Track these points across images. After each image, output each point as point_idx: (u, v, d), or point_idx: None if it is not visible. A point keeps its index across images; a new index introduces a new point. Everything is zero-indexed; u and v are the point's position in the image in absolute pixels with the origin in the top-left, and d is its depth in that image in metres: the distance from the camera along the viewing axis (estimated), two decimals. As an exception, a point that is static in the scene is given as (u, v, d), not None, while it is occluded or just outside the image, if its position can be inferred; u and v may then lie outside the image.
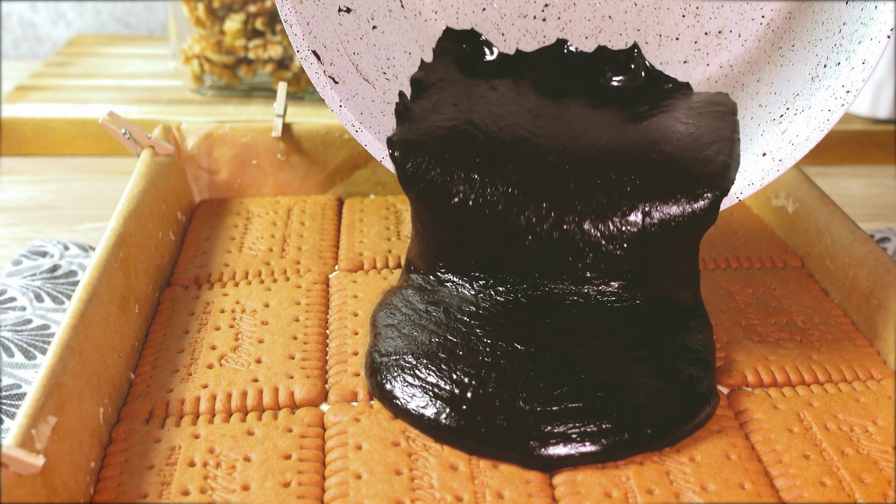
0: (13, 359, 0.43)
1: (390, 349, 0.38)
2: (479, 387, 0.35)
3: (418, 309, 0.40)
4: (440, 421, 0.34)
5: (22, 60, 0.91)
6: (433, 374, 0.36)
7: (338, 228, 0.51)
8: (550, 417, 0.34)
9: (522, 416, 0.34)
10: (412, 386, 0.35)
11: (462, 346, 0.37)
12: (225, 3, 0.69)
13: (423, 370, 0.36)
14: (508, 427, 0.34)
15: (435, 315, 0.39)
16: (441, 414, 0.34)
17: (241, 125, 0.53)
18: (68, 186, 0.64)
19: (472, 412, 0.34)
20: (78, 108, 0.71)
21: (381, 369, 0.37)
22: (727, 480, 0.32)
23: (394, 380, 0.36)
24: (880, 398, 0.37)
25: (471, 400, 0.35)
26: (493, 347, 0.37)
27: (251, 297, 0.43)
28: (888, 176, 0.72)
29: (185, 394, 0.36)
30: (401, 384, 0.36)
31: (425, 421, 0.34)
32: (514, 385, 0.35)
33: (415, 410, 0.35)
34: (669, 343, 0.38)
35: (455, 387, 0.35)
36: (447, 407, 0.34)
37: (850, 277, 0.43)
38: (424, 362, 0.36)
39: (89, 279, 0.37)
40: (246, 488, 0.31)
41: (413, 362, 0.37)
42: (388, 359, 0.37)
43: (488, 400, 0.35)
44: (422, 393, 0.35)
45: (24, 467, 0.28)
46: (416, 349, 0.37)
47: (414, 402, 0.35)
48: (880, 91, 0.74)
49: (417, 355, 0.37)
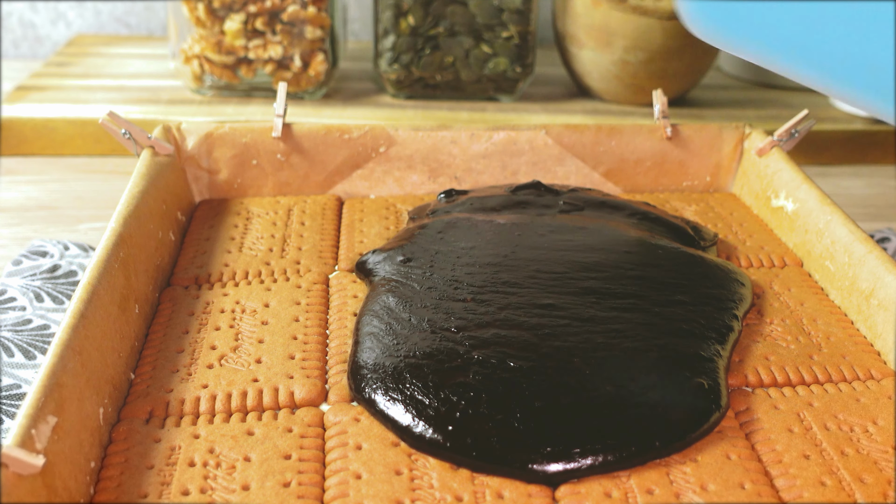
0: (13, 359, 0.43)
1: (370, 361, 0.37)
2: (469, 406, 0.34)
3: (401, 318, 0.39)
4: (426, 439, 0.33)
5: (22, 60, 0.91)
6: (418, 391, 0.35)
7: (338, 228, 0.51)
8: (550, 437, 0.33)
9: (519, 437, 0.33)
10: (396, 401, 0.34)
11: (449, 360, 0.36)
12: (225, 3, 0.69)
13: (408, 386, 0.35)
14: (503, 449, 0.33)
15: (417, 324, 0.39)
16: (426, 433, 0.33)
17: (241, 125, 0.53)
18: (68, 186, 0.64)
19: (462, 433, 0.33)
20: (78, 108, 0.71)
21: (362, 382, 0.36)
22: (727, 480, 0.32)
23: (374, 392, 0.35)
24: (880, 398, 0.37)
25: (459, 420, 0.34)
26: (483, 363, 0.36)
27: (251, 297, 0.43)
28: (888, 176, 0.72)
29: (185, 394, 0.36)
30: (383, 398, 0.35)
31: (413, 437, 0.33)
32: (508, 404, 0.34)
33: (402, 424, 0.34)
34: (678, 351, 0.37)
35: (441, 405, 0.34)
36: (432, 426, 0.33)
37: (850, 277, 0.43)
38: (407, 377, 0.35)
39: (89, 279, 0.37)
40: (246, 488, 0.31)
41: (395, 377, 0.35)
42: (371, 373, 0.36)
43: (480, 419, 0.34)
44: (404, 410, 0.34)
45: (24, 467, 0.28)
46: (399, 362, 0.36)
47: (400, 418, 0.34)
48: (880, 91, 0.73)
49: (400, 370, 0.36)
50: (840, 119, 0.76)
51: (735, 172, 0.57)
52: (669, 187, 0.57)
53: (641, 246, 0.45)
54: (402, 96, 0.76)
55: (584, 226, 0.46)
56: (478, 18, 0.72)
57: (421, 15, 0.71)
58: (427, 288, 0.41)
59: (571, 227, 0.46)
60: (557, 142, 0.55)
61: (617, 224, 0.47)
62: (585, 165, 0.56)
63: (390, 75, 0.74)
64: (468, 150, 0.55)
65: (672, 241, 0.46)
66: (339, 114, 0.72)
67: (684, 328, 0.39)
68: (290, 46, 0.71)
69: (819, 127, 0.72)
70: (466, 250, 0.44)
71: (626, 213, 0.49)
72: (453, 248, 0.44)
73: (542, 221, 0.47)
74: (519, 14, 0.72)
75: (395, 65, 0.74)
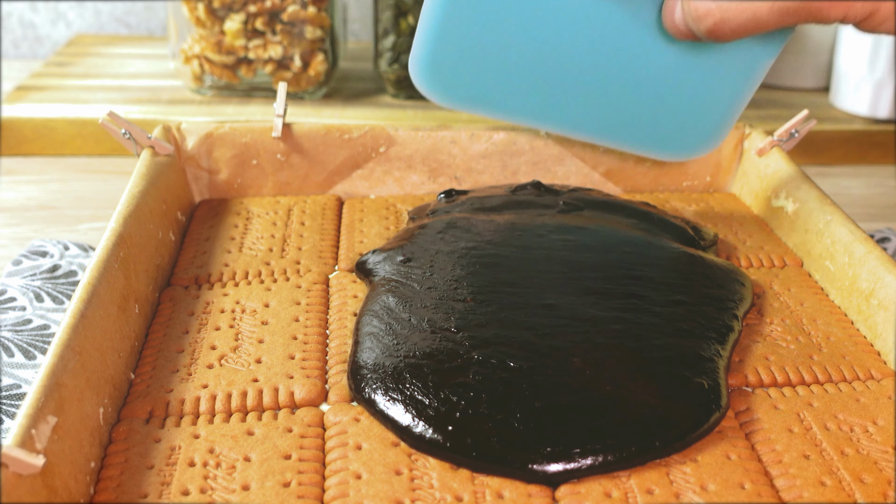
0: (13, 359, 0.43)
1: (369, 361, 0.37)
2: (469, 406, 0.34)
3: (401, 318, 0.39)
4: (426, 439, 0.33)
5: (22, 60, 0.91)
6: (418, 391, 0.35)
7: (338, 228, 0.51)
8: (550, 437, 0.33)
9: (519, 437, 0.33)
10: (396, 401, 0.34)
11: (448, 360, 0.36)
12: (225, 3, 0.69)
13: (408, 386, 0.35)
14: (503, 449, 0.32)
15: (417, 324, 0.38)
16: (426, 433, 0.33)
17: (241, 125, 0.53)
18: (68, 186, 0.64)
19: (462, 433, 0.33)
20: (78, 108, 0.71)
21: (362, 382, 0.36)
22: (727, 480, 0.32)
23: (374, 392, 0.35)
24: (880, 398, 0.37)
25: (459, 420, 0.33)
26: (483, 363, 0.36)
27: (251, 297, 0.43)
28: (888, 176, 0.72)
29: (185, 394, 0.36)
30: (382, 398, 0.35)
31: (413, 437, 0.33)
32: (508, 404, 0.34)
33: (402, 424, 0.34)
34: (678, 351, 0.37)
35: (441, 405, 0.34)
36: (432, 426, 0.33)
37: (850, 277, 0.43)
38: (407, 377, 0.35)
39: (89, 279, 0.37)
40: (246, 488, 0.31)
41: (395, 377, 0.35)
42: (371, 373, 0.36)
43: (480, 419, 0.33)
44: (404, 410, 0.34)
45: (24, 467, 0.28)
46: (398, 362, 0.36)
47: (400, 418, 0.34)
48: (880, 91, 0.74)
49: (400, 370, 0.36)
50: (840, 119, 0.76)
51: (735, 172, 0.57)
52: (669, 187, 0.57)
53: (641, 246, 0.45)
54: (402, 96, 0.76)
55: (584, 226, 0.46)
56: (478, 18, 0.72)
57: (421, 15, 0.71)
58: (427, 288, 0.41)
59: (571, 227, 0.46)
60: (557, 142, 0.56)
61: (617, 224, 0.47)
62: (585, 165, 0.56)
63: (390, 75, 0.74)
64: (468, 150, 0.55)
65: (672, 241, 0.46)
66: (339, 114, 0.72)
67: (684, 328, 0.39)
68: (290, 46, 0.71)
69: (819, 127, 0.72)
70: (466, 250, 0.44)
71: (626, 213, 0.49)
72: (453, 248, 0.44)
73: (542, 221, 0.47)
74: (519, 14, 0.72)
75: (395, 65, 0.74)
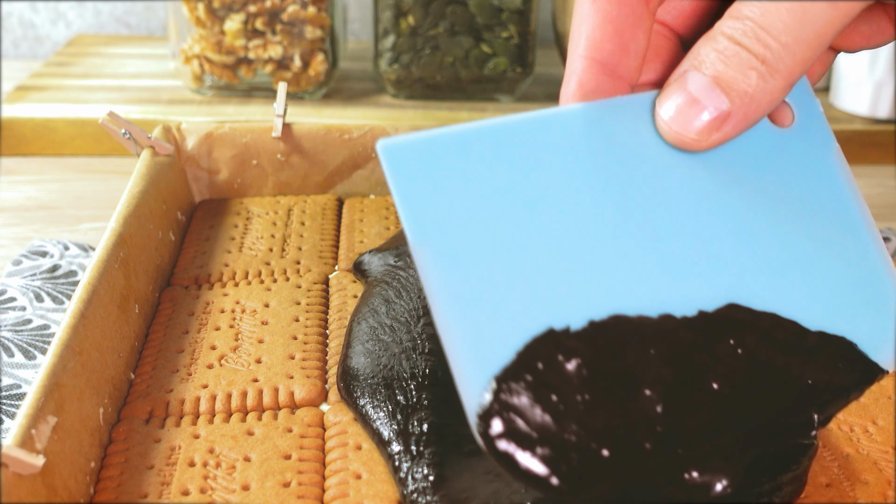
0: (13, 359, 0.43)
1: (356, 365, 0.36)
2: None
3: (388, 322, 0.39)
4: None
5: (22, 60, 0.91)
6: (392, 402, 0.34)
7: (338, 228, 0.51)
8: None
9: None
10: (378, 409, 0.34)
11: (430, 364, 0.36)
12: (225, 3, 0.69)
13: (388, 393, 0.34)
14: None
15: (404, 326, 0.38)
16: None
17: (241, 125, 0.53)
18: (68, 186, 0.64)
19: None
20: (78, 108, 0.71)
21: (352, 388, 0.36)
22: (727, 480, 0.32)
23: (360, 398, 0.35)
24: (880, 398, 0.37)
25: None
26: None
27: (251, 297, 0.43)
28: (888, 176, 0.72)
29: (185, 394, 0.36)
30: (372, 408, 0.34)
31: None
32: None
33: (383, 437, 0.33)
34: None
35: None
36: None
37: (850, 277, 0.43)
38: (383, 386, 0.35)
39: (89, 279, 0.37)
40: (246, 488, 0.31)
41: (373, 386, 0.35)
42: (353, 379, 0.36)
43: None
44: (385, 420, 0.34)
45: (24, 467, 0.28)
46: (388, 372, 0.36)
47: (383, 430, 0.33)
48: (880, 91, 0.74)
49: (390, 378, 0.35)
50: (840, 119, 0.76)
51: (735, 172, 0.57)
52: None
53: None
54: (402, 96, 0.76)
55: None
56: (478, 18, 0.72)
57: (421, 15, 0.71)
58: (419, 288, 0.41)
59: None
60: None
61: None
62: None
63: (390, 75, 0.74)
64: (468, 150, 0.55)
65: None
66: (339, 114, 0.72)
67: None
68: (290, 46, 0.71)
69: (819, 127, 0.72)
70: None
71: None
72: None
73: None
74: (519, 14, 0.72)
75: (395, 65, 0.74)
